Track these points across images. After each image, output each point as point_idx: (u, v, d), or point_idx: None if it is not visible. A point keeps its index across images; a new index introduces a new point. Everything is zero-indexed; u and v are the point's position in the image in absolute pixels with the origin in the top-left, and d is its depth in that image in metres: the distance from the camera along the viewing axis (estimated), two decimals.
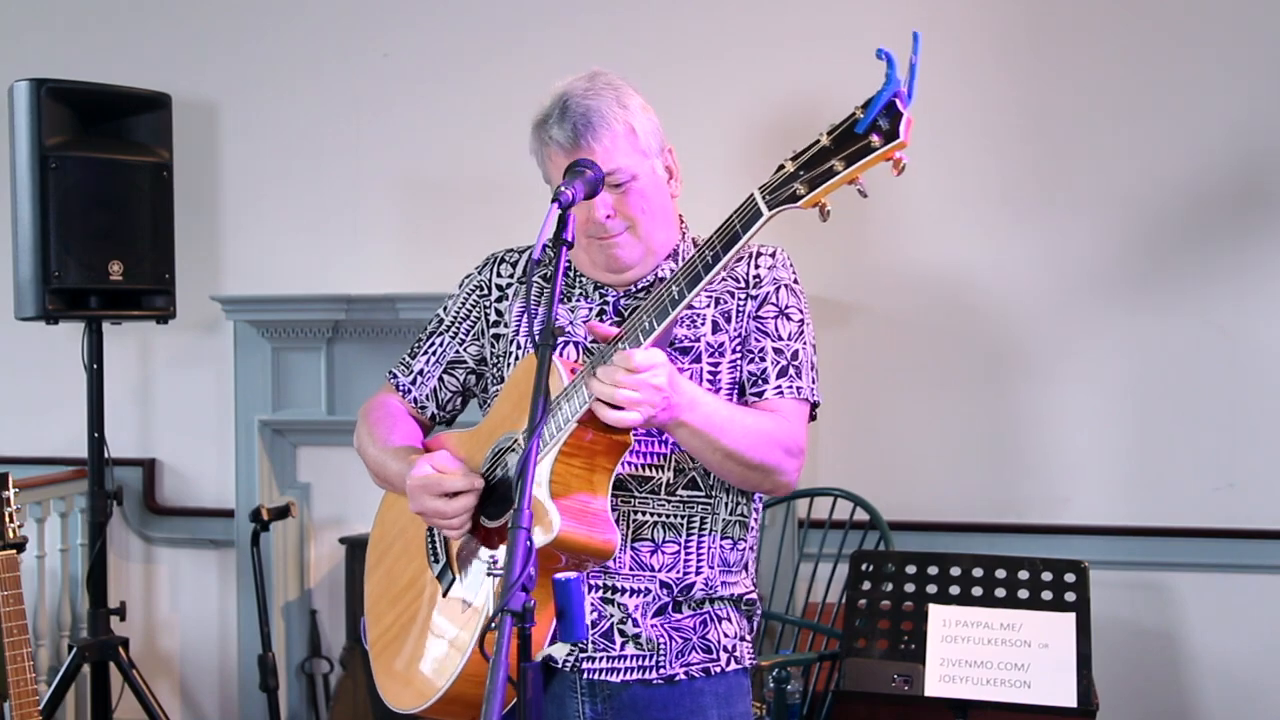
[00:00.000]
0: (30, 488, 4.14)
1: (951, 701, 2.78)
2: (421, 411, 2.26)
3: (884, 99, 1.61)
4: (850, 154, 1.66)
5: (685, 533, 2.05)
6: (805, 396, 2.08)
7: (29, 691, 2.99)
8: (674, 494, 2.05)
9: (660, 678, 2.04)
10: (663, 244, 2.10)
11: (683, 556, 2.05)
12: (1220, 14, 3.85)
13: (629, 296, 2.10)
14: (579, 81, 2.06)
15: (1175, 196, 3.86)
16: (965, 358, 4.00)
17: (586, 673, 2.03)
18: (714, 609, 2.08)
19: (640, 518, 2.04)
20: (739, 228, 1.76)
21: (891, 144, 1.63)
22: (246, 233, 4.55)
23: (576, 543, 1.87)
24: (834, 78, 4.04)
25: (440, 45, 4.37)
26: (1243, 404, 3.82)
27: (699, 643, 2.06)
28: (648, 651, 2.03)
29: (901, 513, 3.88)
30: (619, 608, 2.03)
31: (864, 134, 1.64)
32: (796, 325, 2.10)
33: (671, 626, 2.05)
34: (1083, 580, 2.83)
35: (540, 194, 1.95)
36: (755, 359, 2.07)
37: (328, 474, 4.47)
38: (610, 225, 2.03)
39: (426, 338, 2.27)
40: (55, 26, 4.67)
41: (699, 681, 2.05)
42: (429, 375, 2.25)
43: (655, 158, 2.08)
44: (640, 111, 2.06)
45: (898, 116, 1.61)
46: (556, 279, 1.88)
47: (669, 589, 2.04)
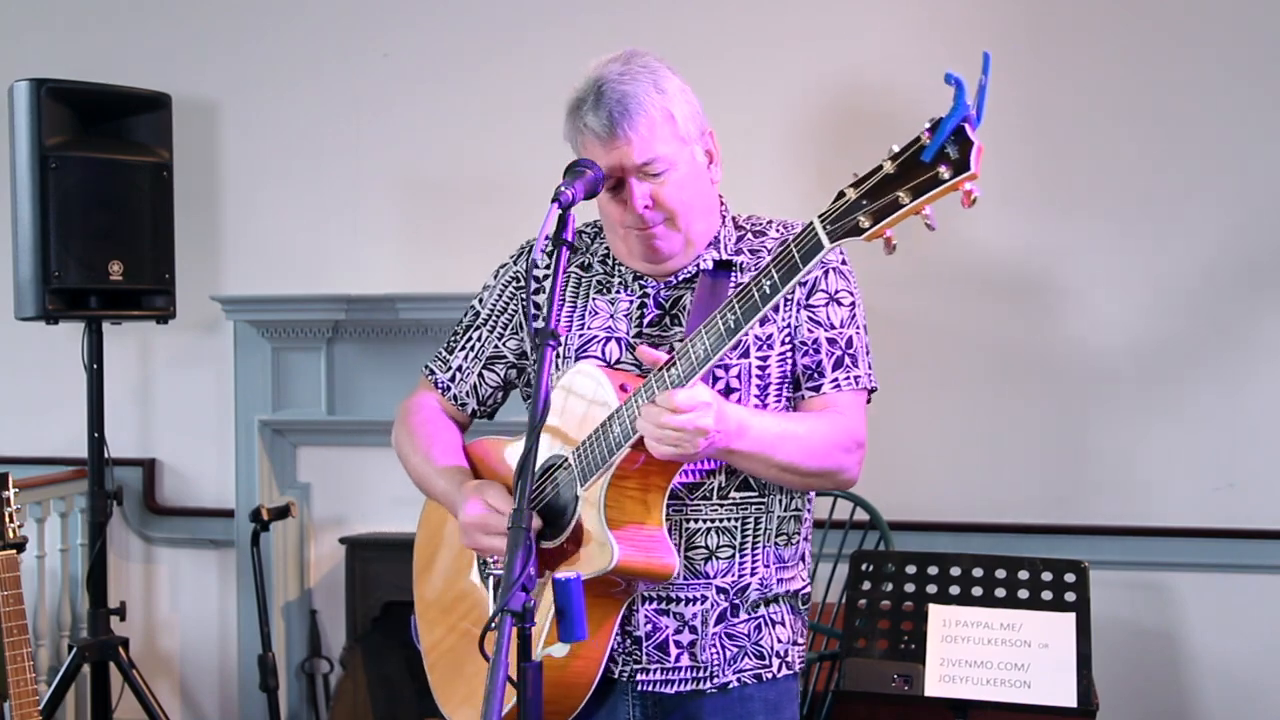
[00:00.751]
0: (30, 488, 4.14)
1: (951, 701, 2.78)
2: (461, 409, 2.21)
3: (952, 125, 1.53)
4: (917, 185, 1.56)
5: (740, 535, 2.00)
6: (863, 385, 2.03)
7: (29, 691, 2.98)
8: (727, 497, 1.99)
9: (714, 686, 2.00)
10: (702, 233, 2.03)
11: (737, 560, 2.00)
12: (1220, 14, 3.84)
13: (669, 288, 2.04)
14: (614, 64, 1.97)
15: (1175, 195, 3.86)
16: (965, 357, 4.00)
17: (641, 684, 2.00)
18: (769, 612, 2.03)
19: (693, 525, 1.98)
20: (798, 259, 1.67)
21: (961, 175, 1.53)
22: (246, 233, 4.55)
23: (635, 569, 1.85)
24: (834, 78, 4.05)
25: (440, 45, 4.37)
26: (1243, 404, 3.82)
27: (752, 649, 2.02)
28: (703, 663, 1.99)
29: (901, 513, 3.87)
30: (675, 617, 1.99)
31: (932, 163, 1.55)
32: (848, 310, 2.02)
33: (727, 633, 2.00)
34: (1083, 580, 2.83)
35: (541, 193, 1.94)
36: (809, 351, 2.00)
37: (328, 474, 4.47)
38: (649, 216, 1.95)
39: (463, 332, 2.20)
40: (55, 26, 4.67)
41: (750, 688, 2.02)
42: (468, 371, 2.19)
43: (695, 143, 2.00)
44: (679, 95, 1.98)
45: (968, 145, 1.52)
46: (556, 279, 1.87)
47: (725, 594, 1.99)
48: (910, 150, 1.57)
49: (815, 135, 4.05)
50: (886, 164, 1.59)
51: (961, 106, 1.51)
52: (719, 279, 1.99)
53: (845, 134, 4.03)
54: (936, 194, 1.56)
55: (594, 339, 2.04)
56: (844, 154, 4.03)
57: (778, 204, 3.82)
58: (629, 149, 1.92)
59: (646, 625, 1.99)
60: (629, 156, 1.93)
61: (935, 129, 1.54)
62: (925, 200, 1.57)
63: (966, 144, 1.52)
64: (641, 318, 2.03)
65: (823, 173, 4.01)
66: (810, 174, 4.01)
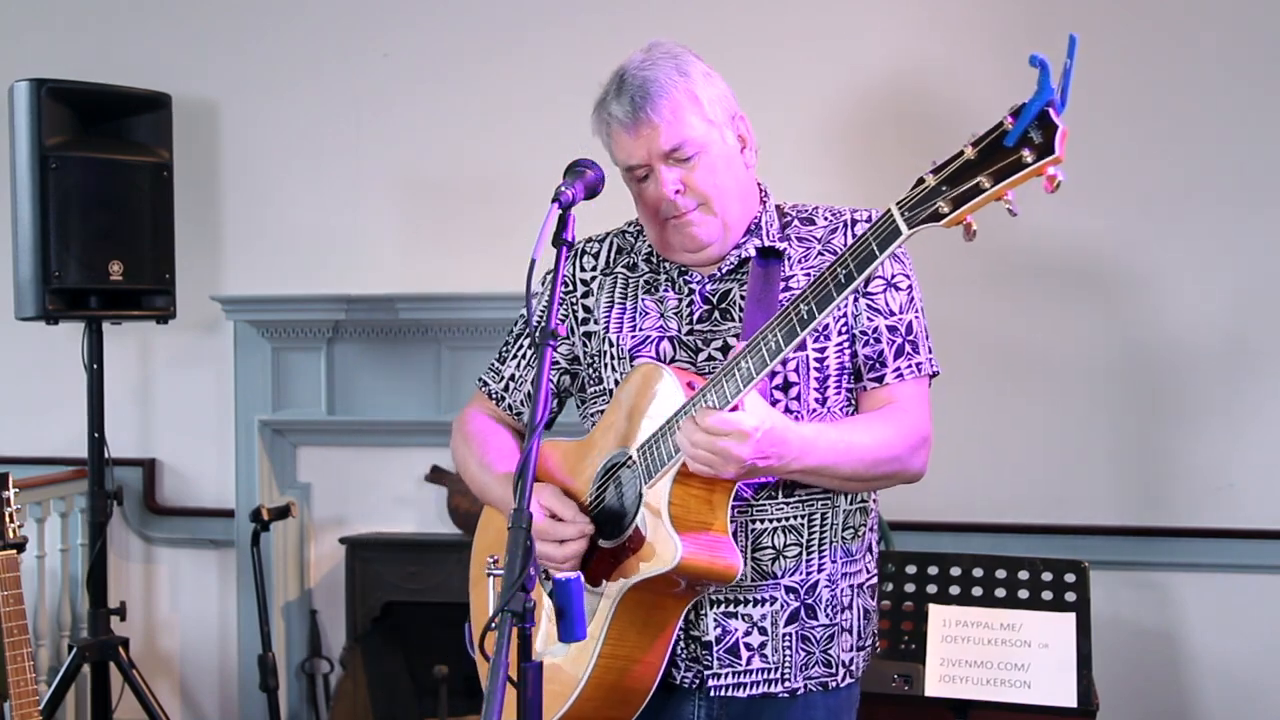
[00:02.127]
0: (30, 488, 4.14)
1: (951, 701, 2.78)
2: (518, 419, 2.16)
3: (1036, 108, 1.49)
4: (999, 169, 1.53)
5: (807, 533, 1.96)
6: (925, 372, 2.01)
7: (29, 691, 2.98)
8: (792, 495, 1.95)
9: (785, 690, 1.96)
10: (740, 218, 1.97)
11: (804, 558, 1.96)
12: (1221, 14, 3.84)
13: (714, 281, 1.99)
14: (636, 54, 1.95)
15: (1176, 195, 3.86)
16: (965, 357, 3.99)
17: (712, 690, 1.96)
18: (842, 620, 2.00)
19: (759, 525, 1.94)
20: (875, 246, 1.64)
21: (1045, 159, 1.50)
22: (246, 233, 4.55)
23: (698, 568, 1.82)
24: (834, 78, 4.05)
25: (440, 45, 4.37)
26: (1243, 404, 3.82)
27: (821, 656, 1.98)
28: (774, 664, 1.95)
29: (901, 513, 3.87)
30: (744, 619, 1.95)
31: (1014, 147, 1.51)
32: (906, 295, 1.99)
33: (802, 635, 1.97)
34: (1083, 580, 2.83)
35: (541, 193, 1.93)
36: (870, 341, 1.96)
37: (328, 474, 4.47)
38: (681, 202, 1.91)
39: (514, 341, 2.16)
40: (55, 26, 4.67)
41: (815, 695, 1.98)
42: (521, 380, 2.14)
43: (725, 127, 1.95)
44: (703, 79, 1.94)
45: (1052, 129, 1.49)
46: (557, 279, 1.86)
47: (795, 593, 1.96)
48: (993, 135, 1.54)
49: (815, 135, 4.05)
50: (968, 149, 1.56)
51: (1046, 89, 1.48)
52: (769, 268, 1.95)
53: (846, 135, 4.03)
54: (1019, 178, 1.53)
55: (647, 339, 2.00)
56: (844, 156, 4.03)
57: None
58: (655, 134, 1.89)
59: (716, 629, 1.95)
60: (655, 142, 1.90)
61: (1019, 114, 1.51)
62: (1008, 185, 1.54)
63: (1051, 128, 1.49)
64: (691, 314, 1.99)
65: (823, 174, 4.01)
66: (810, 175, 4.01)
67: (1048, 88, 1.48)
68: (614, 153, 1.97)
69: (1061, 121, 1.49)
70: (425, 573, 4.15)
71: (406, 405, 4.27)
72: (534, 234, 1.77)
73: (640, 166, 1.93)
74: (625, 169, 1.96)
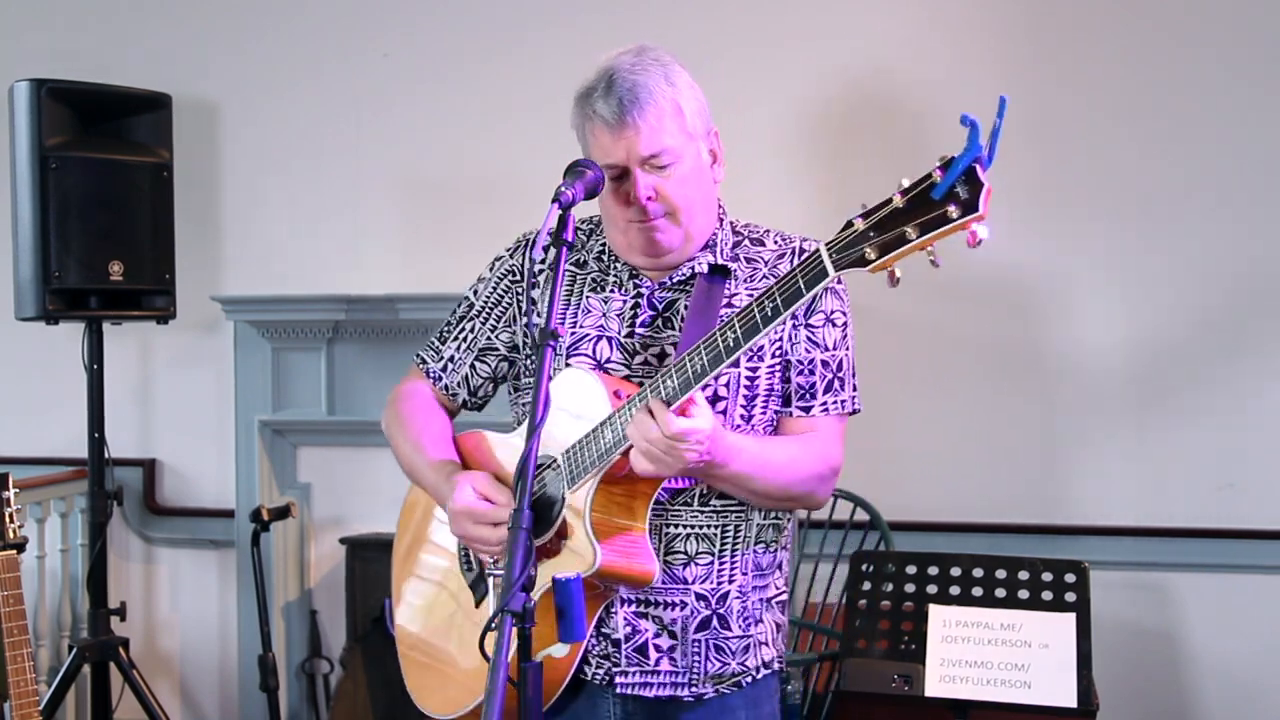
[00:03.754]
0: (30, 488, 4.14)
1: (951, 702, 2.78)
2: (452, 399, 2.21)
3: (964, 164, 1.53)
4: (925, 221, 1.57)
5: (719, 542, 2.00)
6: (848, 410, 2.05)
7: (29, 692, 2.98)
8: (707, 504, 1.99)
9: (691, 695, 2.00)
10: (701, 231, 2.02)
11: (716, 567, 2.00)
12: (1221, 14, 3.84)
13: (664, 289, 2.03)
14: (626, 56, 1.98)
15: (1175, 196, 3.86)
16: (965, 358, 4.00)
17: (620, 687, 1.99)
18: (757, 633, 2.04)
19: (673, 530, 1.98)
20: (802, 285, 1.68)
21: (970, 216, 1.55)
22: (246, 233, 4.55)
23: (616, 573, 1.86)
24: (833, 79, 4.05)
25: (440, 45, 4.37)
26: (1243, 404, 3.82)
27: (737, 667, 2.02)
28: (682, 668, 1.99)
29: (901, 513, 3.88)
30: (654, 620, 1.99)
31: (941, 201, 1.56)
32: (841, 331, 2.05)
33: (714, 645, 2.00)
34: (1083, 580, 2.83)
35: (541, 193, 1.94)
36: (805, 371, 2.01)
37: (328, 474, 4.47)
38: (651, 208, 1.95)
39: (457, 322, 2.20)
40: (55, 26, 4.67)
41: (729, 697, 2.02)
42: (460, 362, 2.19)
43: (701, 140, 2.00)
44: (688, 90, 1.99)
45: (978, 186, 1.53)
46: (557, 279, 1.87)
47: (705, 601, 1.99)
48: (921, 186, 1.58)
49: (815, 136, 4.05)
50: (896, 198, 1.59)
51: (974, 147, 1.52)
52: (714, 284, 2.00)
53: (845, 136, 4.03)
54: (943, 232, 1.57)
55: (585, 337, 2.04)
56: (844, 156, 4.03)
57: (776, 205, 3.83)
58: (637, 138, 1.93)
59: (626, 628, 1.99)
60: (636, 146, 1.93)
61: (947, 167, 1.54)
62: (932, 238, 1.58)
63: (977, 185, 1.54)
64: (635, 318, 2.03)
65: (822, 175, 4.01)
66: (810, 175, 4.01)
67: (976, 145, 1.52)
68: (590, 148, 2.00)
69: (987, 179, 1.53)
70: None
71: None
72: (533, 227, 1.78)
73: (616, 166, 1.96)
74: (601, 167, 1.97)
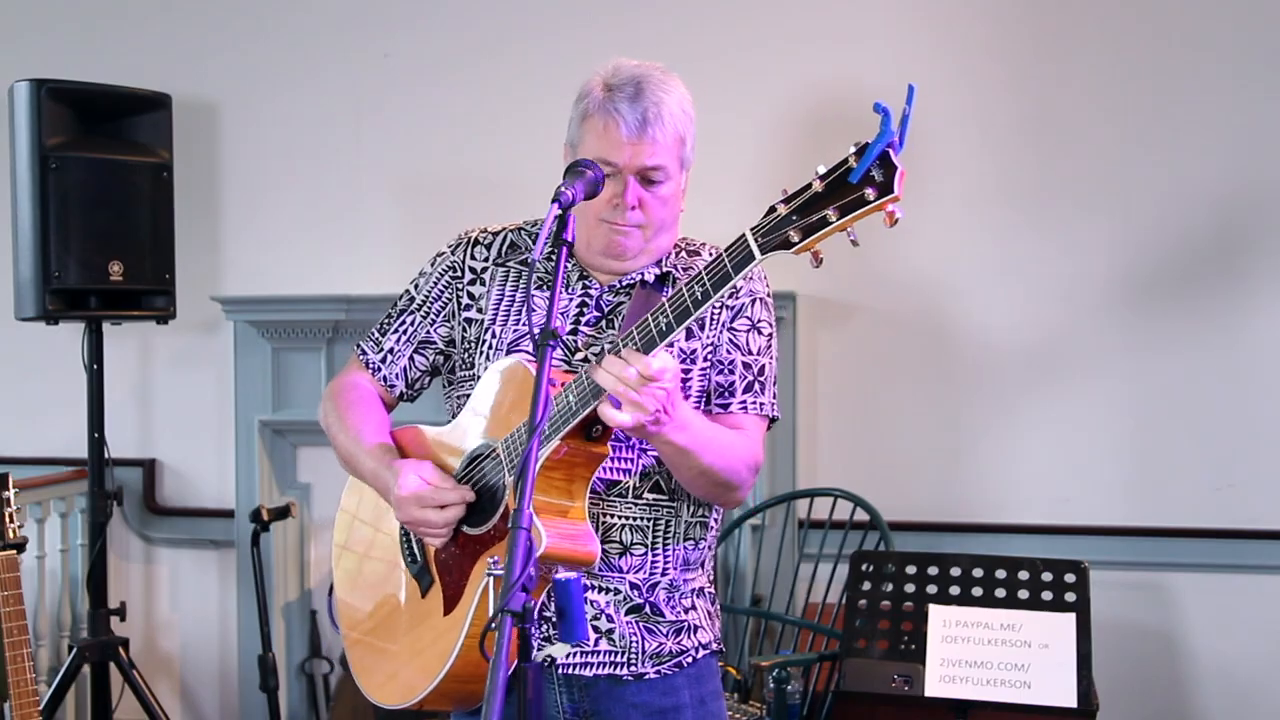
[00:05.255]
0: (30, 488, 4.14)
1: (951, 702, 2.78)
2: (390, 390, 2.27)
3: (878, 149, 1.61)
4: (844, 204, 1.64)
5: (651, 534, 2.09)
6: (767, 413, 2.12)
7: (29, 692, 2.99)
8: (640, 498, 2.08)
9: (630, 674, 2.08)
10: (660, 249, 2.11)
11: (649, 559, 2.09)
12: (1221, 14, 3.84)
13: (612, 292, 2.11)
14: (654, 70, 2.05)
15: (1177, 198, 3.86)
16: (965, 358, 4.00)
17: (561, 667, 2.06)
18: (689, 618, 2.12)
19: (609, 520, 2.07)
20: (730, 269, 1.74)
21: (885, 198, 1.62)
22: (246, 233, 4.55)
23: (561, 556, 1.90)
24: (832, 80, 4.05)
25: (440, 45, 4.37)
26: (1242, 404, 3.82)
27: (672, 645, 2.10)
28: (620, 649, 2.07)
29: (901, 513, 3.88)
30: (590, 605, 2.06)
31: (858, 184, 1.63)
32: (766, 340, 2.13)
33: (646, 628, 2.09)
34: (1083, 580, 2.84)
35: (540, 193, 1.94)
36: (725, 371, 2.10)
37: (328, 474, 4.45)
38: (631, 216, 2.03)
39: (397, 315, 2.26)
40: (55, 26, 4.67)
41: (671, 677, 2.10)
42: (399, 354, 2.24)
43: (686, 169, 2.10)
44: (692, 125, 2.08)
45: (892, 169, 1.61)
46: (557, 279, 1.87)
47: (638, 589, 2.08)
48: (839, 171, 1.65)
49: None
50: (815, 183, 1.67)
51: (886, 133, 1.59)
52: (654, 291, 2.07)
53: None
54: (862, 213, 1.64)
55: (528, 334, 2.10)
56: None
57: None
58: (647, 149, 1.99)
59: None
60: (642, 156, 2.00)
61: (862, 153, 1.62)
62: (851, 219, 1.65)
63: (891, 168, 1.61)
64: (579, 317, 2.10)
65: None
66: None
67: (888, 131, 1.59)
68: (587, 135, 2.03)
69: (900, 163, 1.60)
70: None
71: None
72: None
73: (612, 165, 2.00)
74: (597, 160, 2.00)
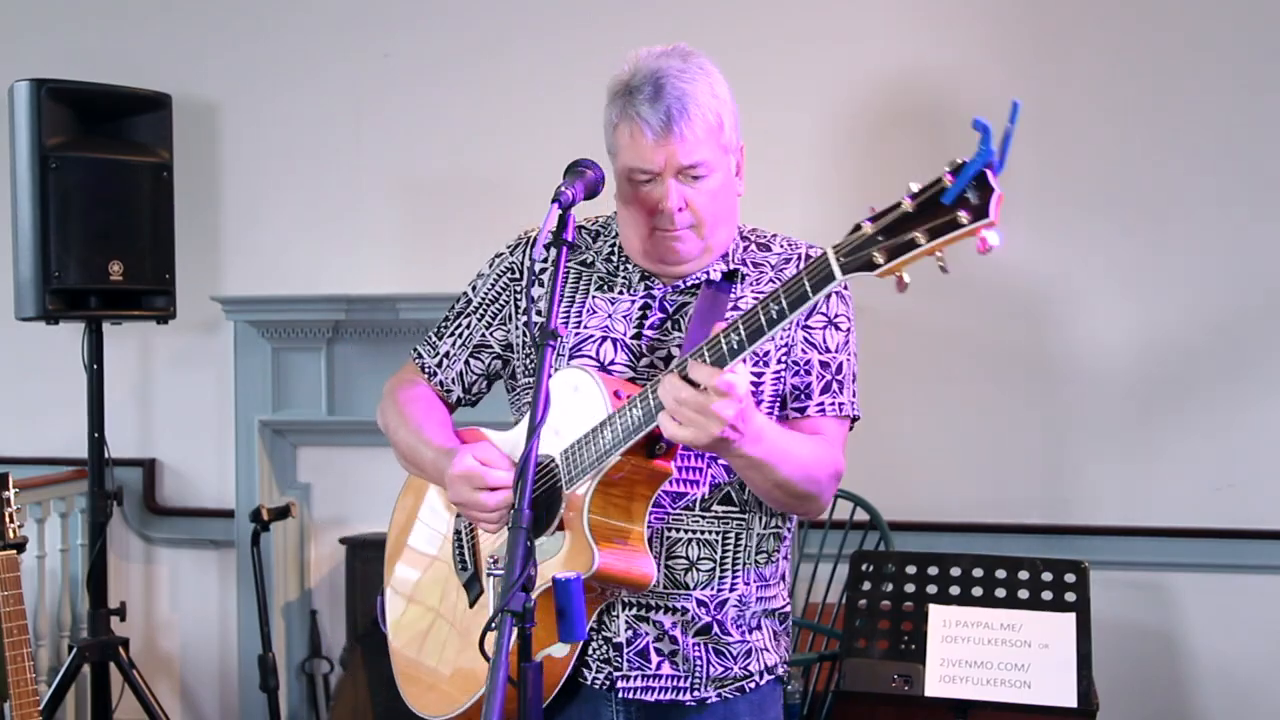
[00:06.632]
0: (30, 488, 4.14)
1: (951, 702, 2.78)
2: (447, 395, 2.19)
3: (974, 169, 1.50)
4: (934, 227, 1.54)
5: (720, 549, 1.98)
6: (847, 413, 2.02)
7: (29, 692, 2.98)
8: (709, 510, 1.98)
9: (694, 700, 1.98)
10: (721, 243, 2.01)
11: (718, 574, 1.98)
12: (1221, 14, 3.84)
13: (676, 292, 2.01)
14: (673, 60, 1.94)
15: (1176, 193, 3.86)
16: (965, 358, 4.00)
17: (621, 691, 1.98)
18: (754, 640, 2.02)
19: (674, 535, 1.97)
20: (809, 288, 1.64)
21: (980, 222, 1.51)
22: (246, 233, 4.55)
23: (614, 576, 1.84)
24: (831, 81, 4.05)
25: (440, 45, 4.37)
26: (1243, 404, 3.82)
27: (739, 670, 2.01)
28: (684, 671, 1.98)
29: (901, 513, 3.87)
30: (654, 625, 1.97)
31: (951, 206, 1.52)
32: (844, 335, 2.02)
33: (714, 650, 1.99)
34: (1083, 580, 2.83)
35: (541, 193, 1.93)
36: (800, 372, 1.99)
37: (328, 474, 4.47)
38: (678, 219, 1.93)
39: (454, 318, 2.18)
40: (55, 26, 4.67)
41: (732, 702, 2.01)
42: (455, 359, 2.16)
43: (732, 153, 1.98)
44: (729, 103, 1.95)
45: (988, 191, 1.50)
46: (557, 280, 1.85)
47: (705, 607, 1.98)
48: (931, 191, 1.55)
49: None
50: (906, 202, 1.56)
51: (987, 152, 1.49)
52: (721, 291, 1.98)
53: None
54: (953, 238, 1.54)
55: (589, 338, 2.02)
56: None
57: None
58: (679, 148, 1.89)
59: (627, 631, 1.97)
60: (676, 156, 1.90)
61: (957, 172, 1.52)
62: (942, 243, 1.55)
63: (987, 190, 1.51)
64: (643, 319, 2.01)
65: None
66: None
67: (988, 150, 1.49)
68: (621, 148, 1.95)
69: (998, 185, 1.50)
70: None
71: None
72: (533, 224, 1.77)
73: (649, 173, 1.92)
74: (632, 169, 1.94)
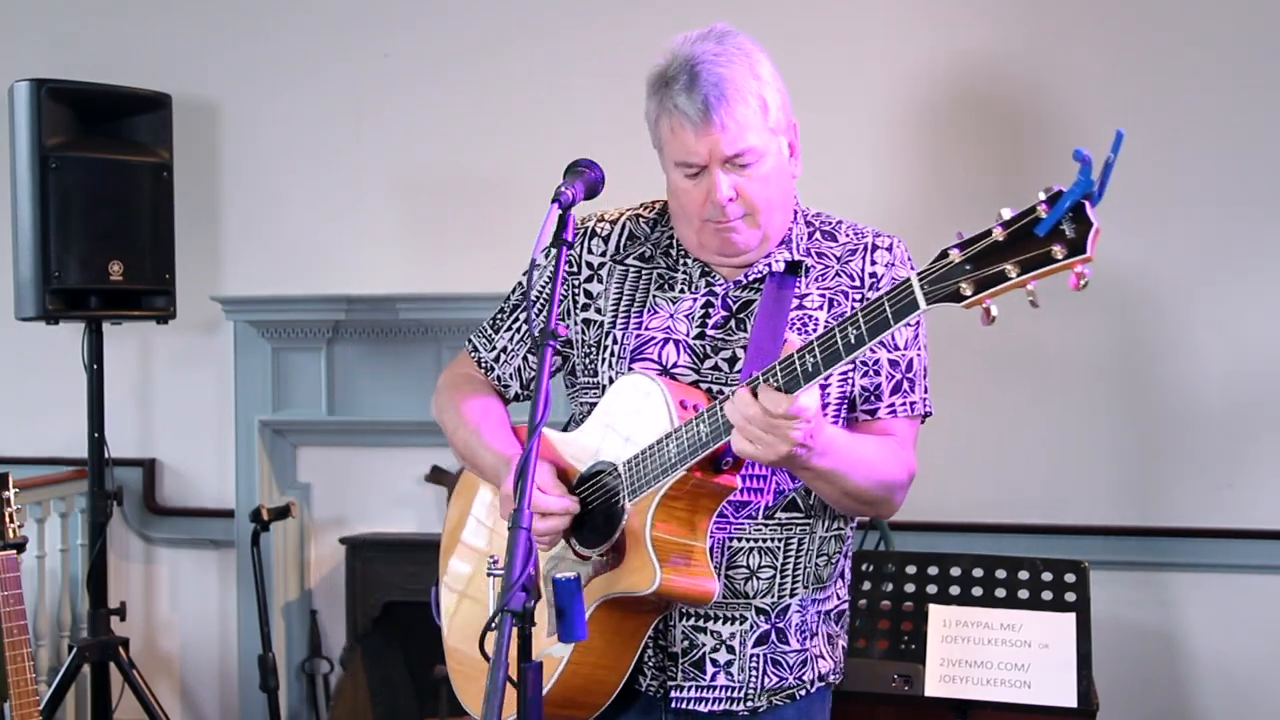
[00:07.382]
0: (30, 488, 4.14)
1: (952, 701, 2.78)
2: (505, 390, 2.11)
3: (1070, 201, 1.41)
4: (1027, 260, 1.45)
5: (782, 555, 1.93)
6: (919, 412, 1.97)
7: (29, 692, 2.98)
8: (772, 518, 1.92)
9: (746, 710, 1.94)
10: (779, 229, 1.92)
11: (778, 580, 1.93)
12: (1221, 14, 3.84)
13: (739, 288, 1.94)
14: (708, 44, 1.85)
15: (1175, 193, 3.86)
16: (965, 358, 3.99)
17: (675, 701, 1.93)
18: (811, 647, 1.97)
19: (736, 544, 1.91)
20: (890, 315, 1.56)
21: (1076, 257, 1.42)
22: (246, 233, 4.55)
23: (676, 592, 1.80)
24: (830, 81, 4.04)
25: (440, 45, 4.37)
26: (1243, 404, 3.82)
27: (793, 680, 1.96)
28: (739, 682, 1.93)
29: (901, 512, 3.84)
30: (712, 635, 1.92)
31: (1046, 238, 1.43)
32: (913, 331, 1.95)
33: (772, 660, 1.94)
34: (1083, 580, 2.83)
35: (541, 193, 1.92)
36: (870, 372, 1.92)
37: (328, 474, 4.47)
38: (730, 210, 1.85)
39: (510, 311, 2.09)
40: (55, 26, 4.67)
41: (781, 709, 1.97)
42: (513, 354, 2.08)
43: (782, 134, 1.88)
44: (772, 82, 1.86)
45: (1086, 225, 1.41)
46: (557, 281, 1.83)
47: (765, 615, 1.93)
48: (1024, 221, 1.46)
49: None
50: (996, 231, 1.49)
51: (1085, 183, 1.40)
52: (785, 286, 1.91)
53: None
54: (1046, 273, 1.46)
55: (651, 340, 1.94)
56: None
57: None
58: (722, 137, 1.82)
59: (683, 641, 1.93)
60: (720, 145, 1.82)
61: (1053, 202, 1.43)
62: (1033, 276, 1.46)
63: (1085, 224, 1.42)
64: (705, 319, 1.94)
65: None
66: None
67: (1088, 180, 1.40)
68: (666, 142, 1.89)
69: (1097, 218, 1.41)
70: (425, 573, 4.09)
71: (406, 405, 4.27)
72: (534, 234, 1.76)
73: (694, 165, 1.86)
74: (677, 163, 1.88)
